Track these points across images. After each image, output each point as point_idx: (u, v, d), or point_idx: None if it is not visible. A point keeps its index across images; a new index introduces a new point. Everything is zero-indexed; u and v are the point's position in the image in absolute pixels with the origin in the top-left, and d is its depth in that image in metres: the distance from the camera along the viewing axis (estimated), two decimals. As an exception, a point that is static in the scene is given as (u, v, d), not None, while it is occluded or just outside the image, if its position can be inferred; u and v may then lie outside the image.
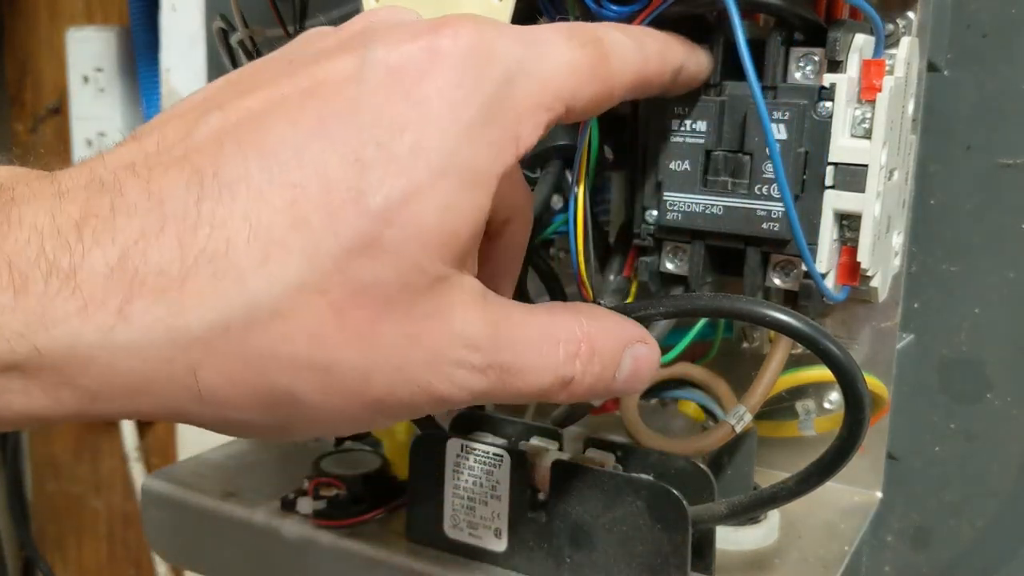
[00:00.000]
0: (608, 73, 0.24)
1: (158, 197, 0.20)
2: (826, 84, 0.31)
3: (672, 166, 0.33)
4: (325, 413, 0.21)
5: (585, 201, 0.32)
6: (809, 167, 0.32)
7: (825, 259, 0.32)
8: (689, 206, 0.33)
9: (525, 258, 0.31)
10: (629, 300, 0.35)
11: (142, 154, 0.21)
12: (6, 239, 0.19)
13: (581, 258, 0.32)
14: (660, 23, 0.29)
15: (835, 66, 0.31)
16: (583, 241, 0.32)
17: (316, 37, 0.25)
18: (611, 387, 0.25)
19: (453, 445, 0.33)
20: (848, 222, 0.32)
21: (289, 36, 0.42)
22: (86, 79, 0.73)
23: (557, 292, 0.39)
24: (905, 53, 0.33)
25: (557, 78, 0.23)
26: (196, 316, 0.19)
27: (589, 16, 0.30)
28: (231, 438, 0.44)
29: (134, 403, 0.20)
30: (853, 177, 0.31)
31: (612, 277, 0.35)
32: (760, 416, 0.38)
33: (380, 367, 0.21)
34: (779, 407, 0.40)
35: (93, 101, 0.73)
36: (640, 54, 0.26)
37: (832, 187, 0.31)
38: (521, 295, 0.36)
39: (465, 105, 0.21)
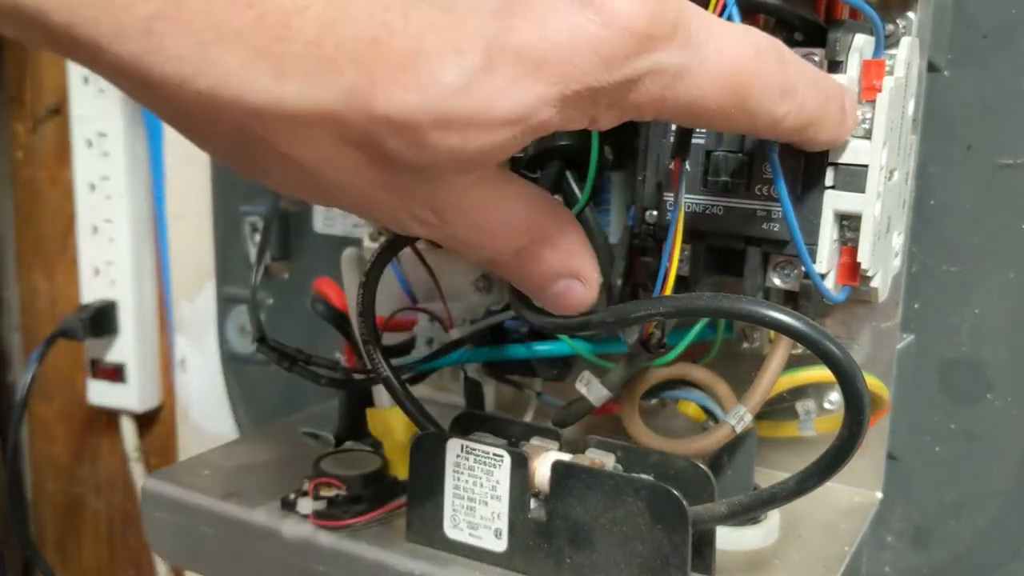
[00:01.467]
0: (724, 121, 0.24)
1: None
2: (826, 84, 0.31)
3: (672, 166, 0.33)
4: (301, 194, 0.23)
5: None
6: (809, 167, 0.32)
7: (825, 259, 0.32)
8: (689, 206, 0.33)
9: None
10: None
11: None
12: None
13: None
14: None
15: (835, 66, 0.31)
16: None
17: None
18: (538, 291, 0.26)
19: (453, 445, 0.33)
20: (848, 222, 0.32)
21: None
22: (86, 79, 0.73)
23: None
24: (905, 53, 0.33)
25: (676, 104, 0.22)
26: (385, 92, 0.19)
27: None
28: (231, 438, 0.44)
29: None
30: (853, 177, 0.31)
31: (618, 282, 0.35)
32: (760, 416, 0.38)
33: (353, 194, 0.22)
34: (779, 407, 0.40)
35: (93, 101, 0.73)
36: (775, 123, 0.25)
37: (832, 187, 0.31)
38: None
39: (586, 76, 0.20)
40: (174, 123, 0.21)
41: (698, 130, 0.32)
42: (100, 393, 0.78)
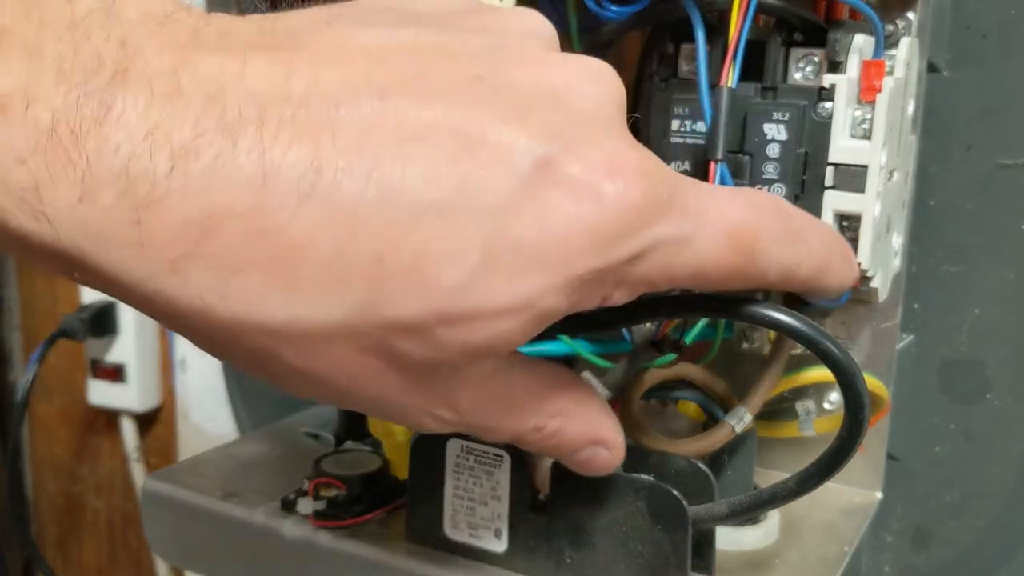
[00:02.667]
0: (736, 279, 0.24)
1: (266, 170, 0.18)
2: (826, 85, 0.31)
3: (672, 166, 0.33)
4: (319, 399, 0.23)
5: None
6: (809, 168, 0.32)
7: (825, 259, 0.32)
8: (689, 206, 0.33)
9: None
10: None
11: (282, 97, 0.19)
12: (101, 142, 0.18)
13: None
14: (658, 27, 0.29)
15: (835, 67, 0.31)
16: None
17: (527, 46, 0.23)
18: (562, 459, 0.27)
19: (453, 445, 0.33)
20: (848, 223, 0.32)
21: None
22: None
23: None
24: (905, 54, 0.33)
25: (685, 271, 0.22)
26: (234, 305, 0.19)
27: (589, 17, 0.30)
28: (231, 438, 0.44)
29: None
30: (853, 178, 0.31)
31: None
32: (760, 416, 0.38)
33: (370, 397, 0.22)
34: (779, 407, 0.40)
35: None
36: (787, 274, 0.25)
37: (832, 188, 0.32)
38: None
39: (587, 260, 0.20)
40: (197, 343, 0.21)
41: (697, 130, 0.32)
42: (100, 393, 0.78)
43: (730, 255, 0.23)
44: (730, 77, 0.30)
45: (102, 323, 0.74)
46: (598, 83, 0.22)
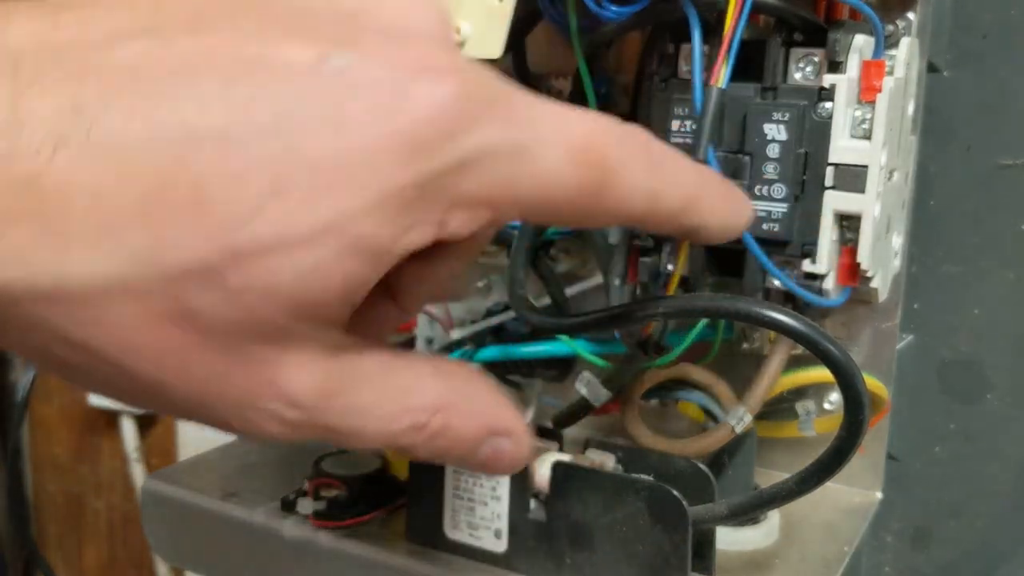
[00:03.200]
0: (593, 203, 0.21)
1: (21, 118, 0.17)
2: (826, 85, 0.31)
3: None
4: (117, 393, 0.20)
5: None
6: (809, 168, 0.32)
7: (825, 260, 0.32)
8: (689, 207, 0.33)
9: (526, 259, 0.31)
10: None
11: (44, 46, 0.18)
12: None
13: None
14: (658, 27, 0.29)
15: (835, 67, 0.31)
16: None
17: None
18: (461, 463, 0.23)
19: (453, 446, 0.33)
20: (848, 223, 0.32)
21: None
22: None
23: (557, 293, 0.39)
24: (905, 54, 0.33)
25: (524, 184, 0.19)
26: (2, 268, 0.17)
27: (589, 16, 0.30)
28: (231, 439, 0.44)
29: None
30: (853, 178, 0.31)
31: (616, 282, 0.35)
32: (760, 417, 0.38)
33: (177, 389, 0.19)
34: (779, 408, 0.40)
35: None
36: (647, 204, 0.22)
37: (832, 188, 0.32)
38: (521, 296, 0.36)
39: (399, 172, 0.18)
40: None
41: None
42: (100, 393, 0.78)
43: (576, 172, 0.20)
44: (720, 77, 0.30)
45: (102, 323, 0.74)
46: (411, 2, 0.20)
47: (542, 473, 0.32)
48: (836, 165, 0.31)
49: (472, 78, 0.19)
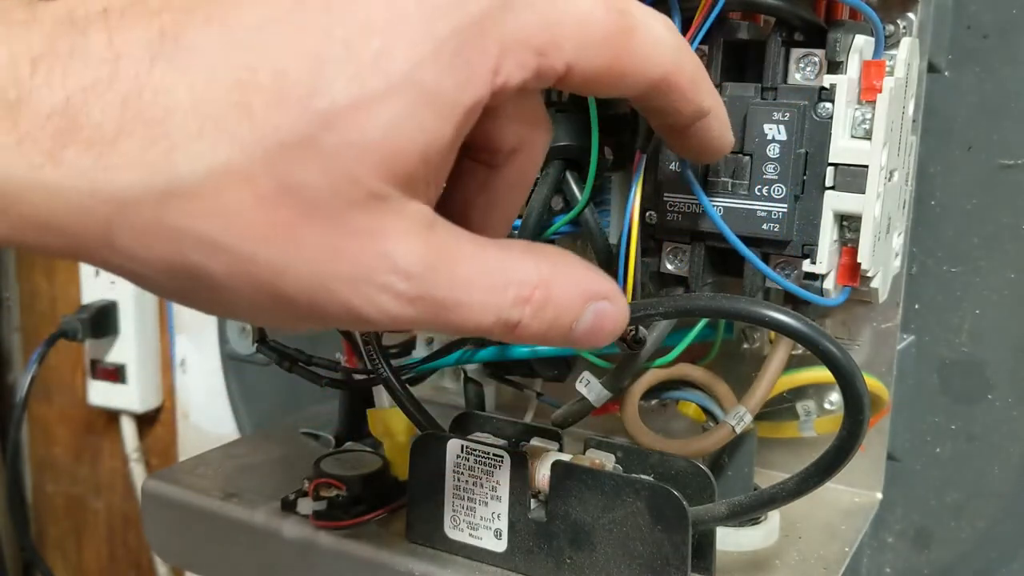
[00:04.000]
0: (627, 51, 0.22)
1: (117, 50, 0.19)
2: (826, 85, 0.31)
3: (672, 167, 0.33)
4: (233, 295, 0.21)
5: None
6: (809, 168, 0.32)
7: (825, 260, 0.32)
8: (689, 207, 0.33)
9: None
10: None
11: None
12: None
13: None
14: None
15: (835, 67, 0.31)
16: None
17: None
18: (568, 338, 0.24)
19: (453, 445, 0.33)
20: (848, 223, 0.32)
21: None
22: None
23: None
24: (905, 54, 0.33)
25: (563, 25, 0.21)
26: (119, 176, 0.19)
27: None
28: (231, 439, 0.44)
29: (45, 240, 0.20)
30: (853, 178, 0.31)
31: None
32: (760, 417, 0.38)
33: (296, 269, 0.20)
34: (779, 408, 0.40)
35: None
36: (674, 56, 0.24)
37: (832, 188, 0.32)
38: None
39: (445, 19, 0.20)
40: (93, 259, 0.21)
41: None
42: (100, 393, 0.78)
43: (608, 15, 0.22)
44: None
45: (102, 324, 0.74)
46: None
47: (542, 473, 0.32)
48: (836, 165, 0.31)
49: None
